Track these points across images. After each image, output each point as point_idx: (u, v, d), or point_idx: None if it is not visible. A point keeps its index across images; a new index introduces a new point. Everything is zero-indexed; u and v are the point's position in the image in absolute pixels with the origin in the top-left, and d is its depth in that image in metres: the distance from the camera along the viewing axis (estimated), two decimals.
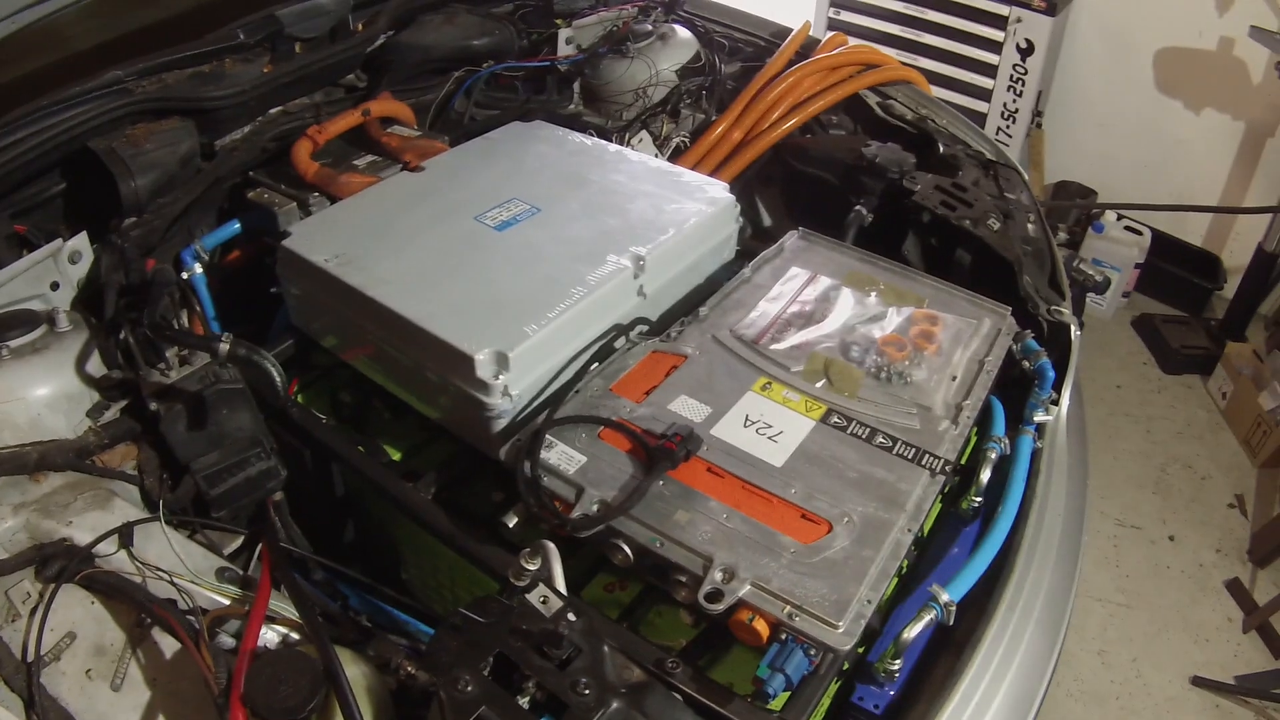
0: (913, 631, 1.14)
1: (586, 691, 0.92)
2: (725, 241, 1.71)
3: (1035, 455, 1.46)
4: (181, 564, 1.22)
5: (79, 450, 1.36)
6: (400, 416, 1.58)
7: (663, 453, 1.20)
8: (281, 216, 1.72)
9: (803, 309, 1.55)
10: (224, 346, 1.28)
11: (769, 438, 1.29)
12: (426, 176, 1.71)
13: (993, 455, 1.39)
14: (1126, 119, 4.42)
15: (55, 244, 1.54)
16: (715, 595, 1.08)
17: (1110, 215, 4.22)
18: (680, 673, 1.09)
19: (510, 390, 1.29)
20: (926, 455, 1.31)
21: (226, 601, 1.18)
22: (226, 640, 1.15)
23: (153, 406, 1.33)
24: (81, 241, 1.59)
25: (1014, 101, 4.35)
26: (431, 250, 1.49)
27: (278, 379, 1.33)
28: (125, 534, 1.22)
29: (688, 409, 1.32)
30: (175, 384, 1.33)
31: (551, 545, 1.08)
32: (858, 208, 1.94)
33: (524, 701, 0.93)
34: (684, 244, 1.58)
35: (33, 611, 1.16)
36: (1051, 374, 1.55)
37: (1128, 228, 4.21)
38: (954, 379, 1.46)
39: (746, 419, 1.32)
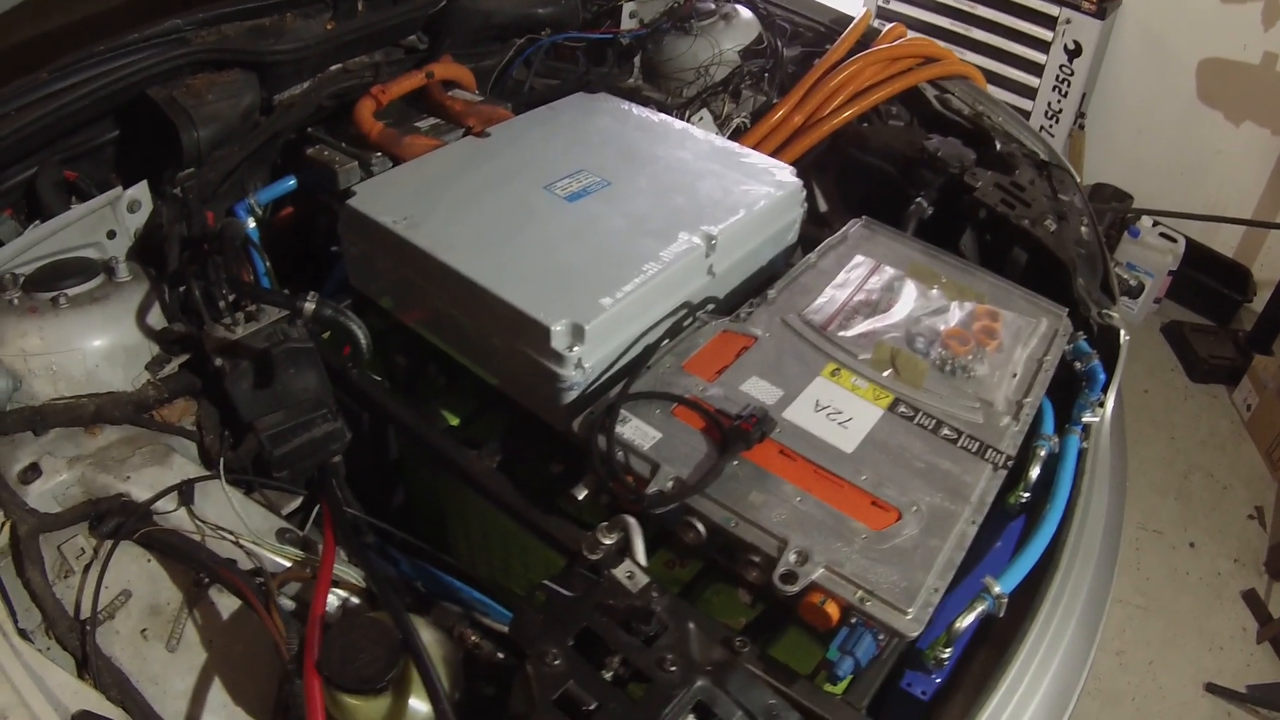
0: (964, 622, 1.14)
1: (673, 668, 0.91)
2: (789, 226, 1.70)
3: (1081, 455, 1.47)
4: (242, 524, 1.20)
5: (137, 404, 1.34)
6: (455, 382, 1.57)
7: (738, 433, 1.19)
8: (342, 175, 1.70)
9: (868, 298, 1.54)
10: (309, 306, 1.26)
11: (839, 424, 1.29)
12: (492, 143, 1.69)
13: (1042, 453, 1.39)
14: (1165, 126, 4.38)
15: (115, 191, 1.52)
16: (790, 577, 1.08)
17: (1146, 220, 4.19)
18: (748, 652, 1.09)
19: (583, 363, 1.28)
20: (989, 450, 1.31)
21: (288, 564, 1.17)
22: (285, 604, 1.14)
23: (217, 362, 1.30)
24: (142, 190, 1.57)
25: (1058, 101, 4.32)
26: (502, 217, 1.48)
27: (364, 341, 1.32)
28: (185, 491, 1.21)
29: (759, 390, 1.31)
30: (241, 340, 1.31)
31: (634, 520, 1.07)
32: (919, 200, 1.92)
33: (606, 677, 0.93)
34: (752, 226, 1.56)
35: (87, 568, 1.14)
36: (1102, 377, 1.55)
37: (1163, 234, 4.18)
38: (1014, 376, 1.46)
39: (817, 404, 1.31)
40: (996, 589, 1.17)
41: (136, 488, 1.20)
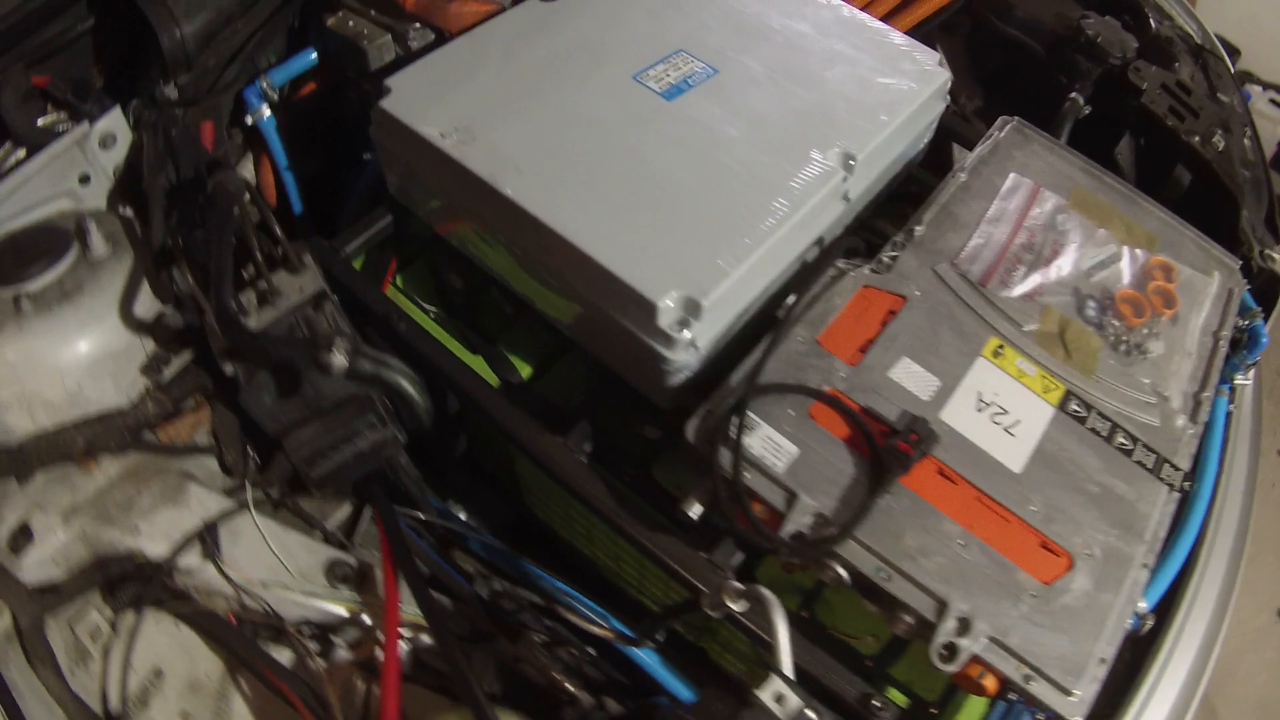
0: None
1: None
2: (929, 127, 1.37)
3: (1227, 421, 1.29)
4: (282, 566, 0.99)
5: (135, 425, 1.08)
6: (524, 311, 1.28)
7: (895, 455, 0.94)
8: (372, 52, 1.36)
9: (1029, 239, 1.23)
10: (337, 359, 0.94)
11: (1005, 429, 1.02)
12: (560, 10, 1.33)
13: None
14: None
15: (81, 129, 1.20)
16: (950, 651, 0.86)
17: (1258, 85, 3.73)
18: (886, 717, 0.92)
19: (697, 343, 1.00)
20: (1166, 465, 1.05)
21: (344, 613, 0.98)
22: (342, 654, 0.94)
23: (228, 370, 1.01)
24: (115, 121, 1.23)
25: None
26: (583, 124, 1.15)
27: (422, 405, 1.03)
28: (208, 538, 0.98)
29: (911, 379, 1.03)
30: (256, 334, 1.01)
31: (776, 603, 0.83)
32: (1074, 96, 1.57)
33: None
34: (895, 136, 1.24)
35: (106, 651, 0.94)
36: (1265, 340, 1.30)
37: (1273, 100, 3.72)
38: (1189, 356, 1.18)
39: (979, 399, 1.04)
40: (1143, 605, 0.97)
41: (150, 541, 0.98)
